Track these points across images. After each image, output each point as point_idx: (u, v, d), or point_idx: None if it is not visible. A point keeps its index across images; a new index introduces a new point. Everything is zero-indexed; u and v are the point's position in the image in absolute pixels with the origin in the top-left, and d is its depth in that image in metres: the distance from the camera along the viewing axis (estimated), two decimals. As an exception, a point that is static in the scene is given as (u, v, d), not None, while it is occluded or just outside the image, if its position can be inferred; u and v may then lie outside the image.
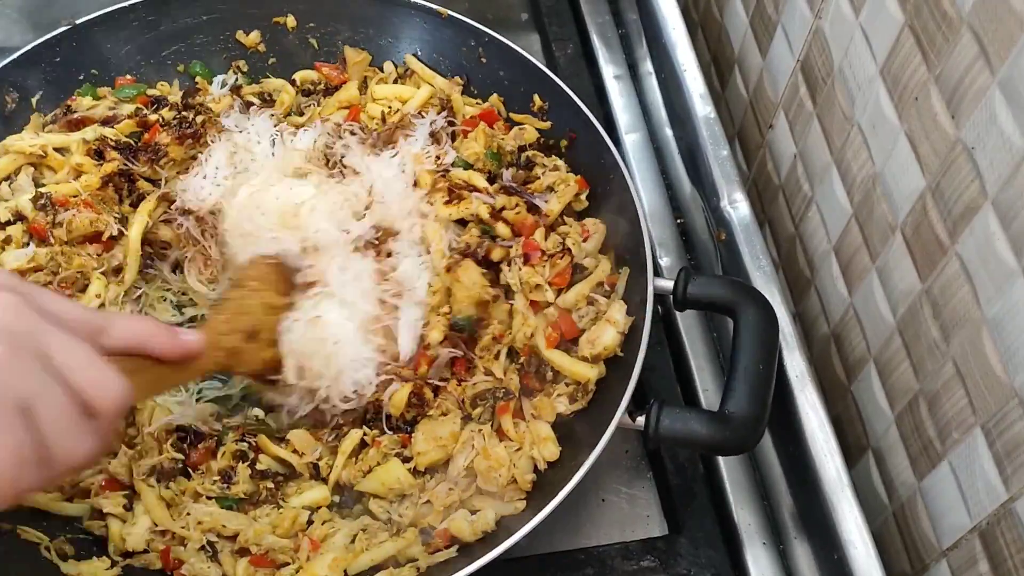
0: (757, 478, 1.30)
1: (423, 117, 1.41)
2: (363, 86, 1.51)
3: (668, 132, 1.60)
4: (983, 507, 1.02)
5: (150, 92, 1.45)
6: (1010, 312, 0.94)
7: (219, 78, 1.48)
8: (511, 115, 1.45)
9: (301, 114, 1.46)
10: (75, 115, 1.38)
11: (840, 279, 1.29)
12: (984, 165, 0.96)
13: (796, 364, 1.24)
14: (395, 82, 1.51)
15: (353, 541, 1.14)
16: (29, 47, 1.37)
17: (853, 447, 1.29)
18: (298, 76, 1.51)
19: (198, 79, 1.48)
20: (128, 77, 1.45)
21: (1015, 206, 0.92)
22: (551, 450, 1.17)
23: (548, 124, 1.42)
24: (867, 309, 1.22)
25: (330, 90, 1.50)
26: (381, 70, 1.52)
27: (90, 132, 1.36)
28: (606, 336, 1.20)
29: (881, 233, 1.17)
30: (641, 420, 1.11)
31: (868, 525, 1.14)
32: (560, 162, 1.40)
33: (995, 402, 0.98)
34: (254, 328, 1.13)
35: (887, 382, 1.20)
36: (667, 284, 1.21)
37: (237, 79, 1.49)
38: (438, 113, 1.42)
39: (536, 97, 1.43)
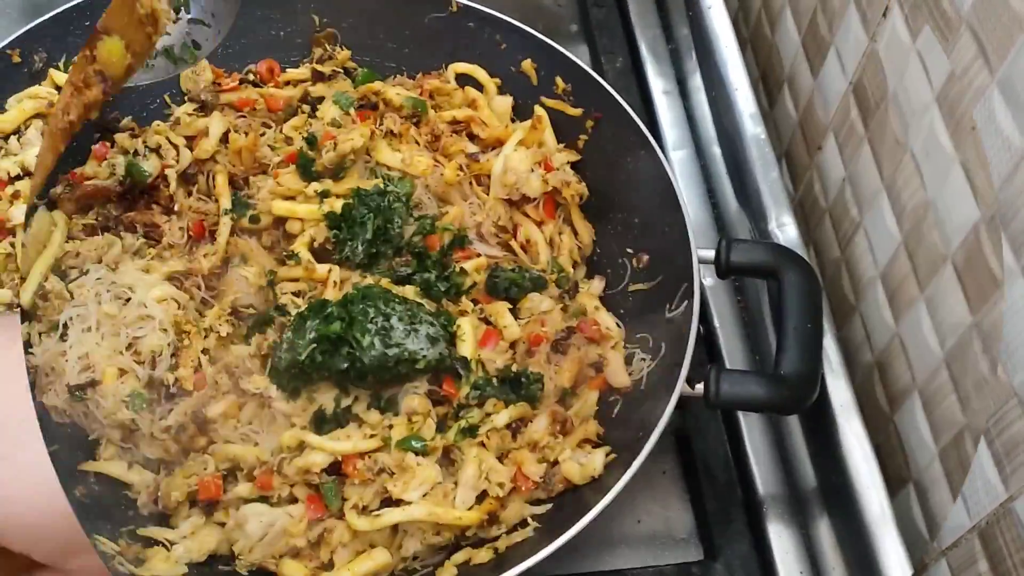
0: (797, 507, 1.28)
1: None
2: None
3: (716, 150, 1.59)
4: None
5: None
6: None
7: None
8: (543, 100, 1.46)
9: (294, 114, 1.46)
10: None
11: (886, 307, 1.27)
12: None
13: (840, 393, 1.23)
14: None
15: None
16: (61, 9, 1.38)
17: (893, 478, 1.27)
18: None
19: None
20: None
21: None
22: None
23: (579, 111, 1.43)
24: (914, 339, 1.21)
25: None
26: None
27: None
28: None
29: (931, 263, 1.15)
30: (700, 387, 1.14)
31: (911, 558, 1.13)
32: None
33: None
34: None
35: (932, 414, 1.18)
36: (709, 254, 1.24)
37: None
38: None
39: (559, 80, 1.44)
